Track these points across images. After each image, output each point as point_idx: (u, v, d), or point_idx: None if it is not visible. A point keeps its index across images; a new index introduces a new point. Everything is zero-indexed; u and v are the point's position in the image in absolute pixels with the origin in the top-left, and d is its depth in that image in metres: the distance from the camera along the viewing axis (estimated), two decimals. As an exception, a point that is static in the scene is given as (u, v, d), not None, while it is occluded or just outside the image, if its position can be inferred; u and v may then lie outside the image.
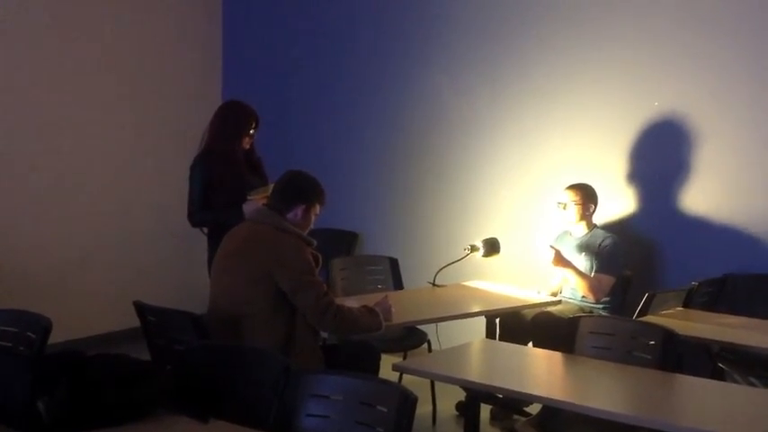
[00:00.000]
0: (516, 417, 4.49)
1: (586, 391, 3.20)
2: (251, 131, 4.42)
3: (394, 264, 5.07)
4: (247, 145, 4.44)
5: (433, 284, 4.76)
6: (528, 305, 4.50)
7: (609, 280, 4.60)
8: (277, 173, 3.82)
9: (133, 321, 3.75)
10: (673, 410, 2.98)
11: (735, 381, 4.10)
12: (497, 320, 4.50)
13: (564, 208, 4.74)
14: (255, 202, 4.09)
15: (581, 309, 4.60)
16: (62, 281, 5.68)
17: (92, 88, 5.87)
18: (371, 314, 3.63)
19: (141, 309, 3.64)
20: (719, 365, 4.21)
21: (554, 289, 4.80)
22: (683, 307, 4.33)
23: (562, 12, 5.27)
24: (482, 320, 4.51)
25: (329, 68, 6.24)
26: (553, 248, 4.59)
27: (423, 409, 4.39)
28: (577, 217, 4.74)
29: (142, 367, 2.61)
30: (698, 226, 4.86)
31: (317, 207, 3.67)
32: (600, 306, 4.62)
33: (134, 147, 6.12)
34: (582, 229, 4.77)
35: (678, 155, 4.92)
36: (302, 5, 6.37)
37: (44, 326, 3.16)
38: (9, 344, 3.18)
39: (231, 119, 4.42)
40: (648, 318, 3.96)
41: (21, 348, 3.15)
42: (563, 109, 5.27)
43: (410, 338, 4.71)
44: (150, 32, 6.21)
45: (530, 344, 4.40)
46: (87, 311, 5.76)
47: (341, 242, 5.93)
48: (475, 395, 3.42)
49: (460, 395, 4.06)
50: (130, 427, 2.42)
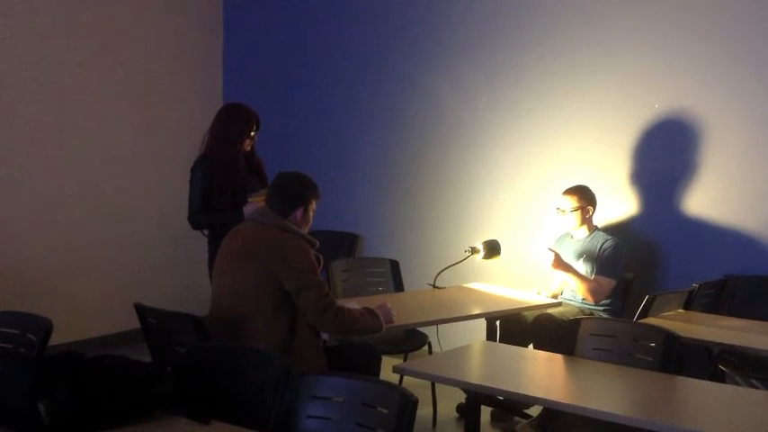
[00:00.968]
0: (517, 419, 4.49)
1: (587, 393, 3.20)
2: (252, 134, 4.42)
3: (394, 266, 5.08)
4: (248, 147, 4.44)
5: (434, 286, 4.76)
6: (528, 307, 4.49)
7: (609, 282, 4.60)
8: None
9: (134, 323, 3.75)
10: (673, 412, 2.98)
11: (735, 383, 4.09)
12: (498, 322, 4.50)
13: (564, 214, 4.74)
14: (256, 205, 4.09)
15: (581, 311, 4.60)
16: (63, 283, 5.69)
17: (93, 91, 5.87)
18: (372, 316, 3.63)
19: (142, 311, 3.64)
20: (720, 367, 4.21)
21: (554, 291, 4.81)
22: (684, 309, 4.33)
23: (562, 15, 5.28)
24: (482, 322, 4.51)
25: (330, 71, 6.24)
26: (552, 252, 4.59)
27: (423, 411, 4.40)
28: (578, 222, 4.74)
29: (143, 369, 2.60)
30: (699, 228, 4.86)
31: (314, 203, 3.69)
32: (600, 308, 4.62)
33: (135, 149, 6.13)
34: (583, 232, 4.77)
35: (678, 157, 4.93)
36: (302, 9, 6.37)
37: (45, 328, 3.16)
38: (9, 346, 3.18)
39: (232, 121, 4.42)
40: (649, 320, 3.96)
41: (21, 350, 3.15)
42: (563, 111, 5.27)
43: (411, 340, 4.71)
44: (151, 36, 6.22)
45: (530, 346, 4.40)
46: (88, 313, 5.77)
47: (341, 244, 5.93)
48: (475, 397, 3.42)
49: (461, 397, 4.06)
50: (131, 429, 2.42)
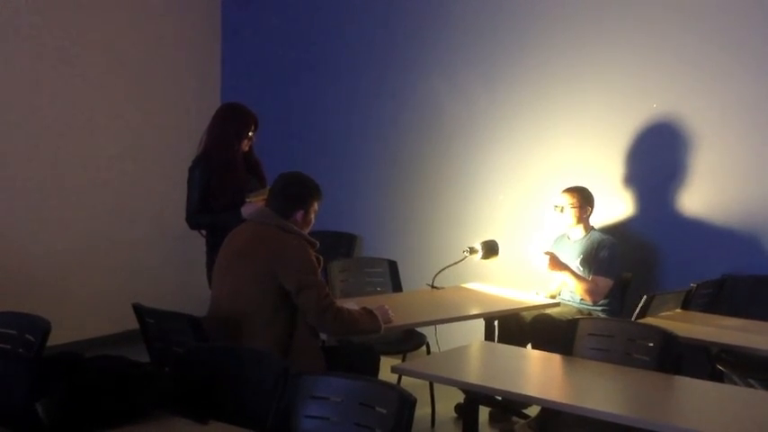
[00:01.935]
0: (515, 419, 4.50)
1: (585, 393, 3.20)
2: (250, 134, 4.42)
3: (393, 266, 5.07)
4: (246, 147, 4.44)
5: (432, 287, 4.76)
6: (526, 307, 4.49)
7: (606, 282, 4.60)
8: (276, 175, 3.80)
9: (132, 324, 3.75)
10: (671, 412, 2.98)
11: (733, 382, 4.09)
12: (496, 322, 4.51)
13: (561, 211, 4.75)
14: (254, 205, 4.09)
15: (579, 311, 4.61)
16: (61, 283, 5.68)
17: (91, 91, 5.87)
18: (370, 316, 3.63)
19: (140, 311, 3.64)
20: (718, 367, 4.21)
21: (553, 292, 4.81)
22: (682, 309, 4.33)
23: (560, 16, 5.28)
24: (481, 323, 4.51)
25: (328, 72, 6.24)
26: (548, 253, 4.59)
27: (422, 412, 4.40)
28: (574, 220, 4.74)
29: (141, 369, 2.60)
30: (696, 228, 4.87)
31: (315, 205, 3.68)
32: (598, 308, 4.62)
33: (133, 149, 6.12)
34: (579, 232, 4.78)
35: (677, 157, 4.93)
36: (300, 8, 6.37)
37: (43, 328, 3.16)
38: (8, 346, 3.18)
39: (230, 121, 4.42)
40: (647, 319, 3.96)
41: (20, 350, 3.15)
42: (561, 112, 5.27)
43: (409, 341, 4.71)
44: (149, 36, 6.21)
45: (528, 346, 4.41)
46: (86, 314, 5.76)
47: (340, 244, 5.93)
48: (474, 397, 3.42)
49: (459, 397, 4.07)
50: (129, 429, 2.42)
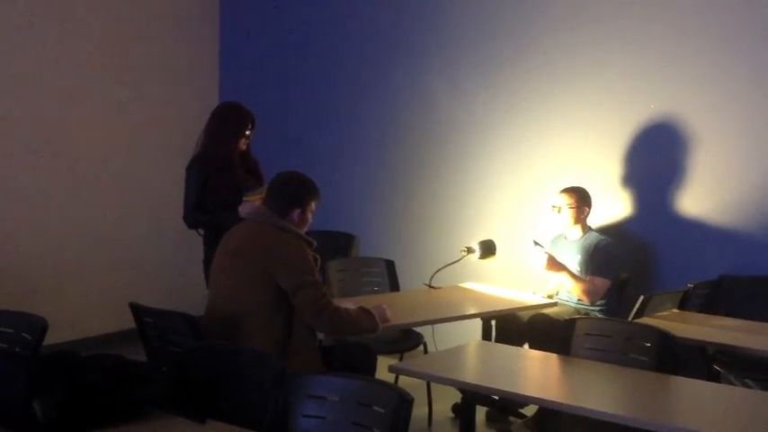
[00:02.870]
0: (512, 419, 4.50)
1: (582, 393, 3.20)
2: (247, 133, 4.43)
3: (390, 265, 5.07)
4: (244, 146, 4.44)
5: (430, 286, 4.76)
6: (524, 307, 4.49)
7: (604, 283, 4.60)
8: (273, 174, 3.80)
9: (129, 323, 3.74)
10: (668, 412, 2.99)
11: (730, 382, 4.09)
12: (493, 322, 4.51)
13: (558, 211, 4.75)
14: (251, 204, 4.09)
15: (577, 311, 4.61)
16: (58, 282, 5.68)
17: (88, 90, 5.86)
18: (368, 316, 3.63)
19: (137, 310, 3.64)
20: (715, 367, 4.21)
21: (550, 292, 4.81)
22: (679, 309, 4.33)
23: (558, 15, 5.28)
24: (478, 322, 4.51)
25: (325, 71, 6.24)
26: (546, 254, 4.59)
27: (419, 411, 4.41)
28: (572, 220, 4.75)
29: (138, 368, 2.60)
30: (693, 228, 4.87)
31: (313, 204, 3.68)
32: (596, 308, 4.62)
33: (130, 148, 6.12)
34: (577, 232, 4.78)
35: (674, 157, 4.93)
36: (299, 7, 6.37)
37: (40, 327, 3.15)
38: (5, 345, 3.17)
39: (227, 120, 4.42)
40: (644, 320, 3.96)
41: (16, 349, 3.15)
42: (559, 111, 5.28)
43: (406, 340, 4.71)
44: (147, 35, 6.21)
45: (525, 345, 4.41)
46: (83, 313, 5.76)
47: (337, 244, 5.93)
48: (471, 397, 3.43)
49: (456, 397, 4.07)
50: (126, 429, 2.42)
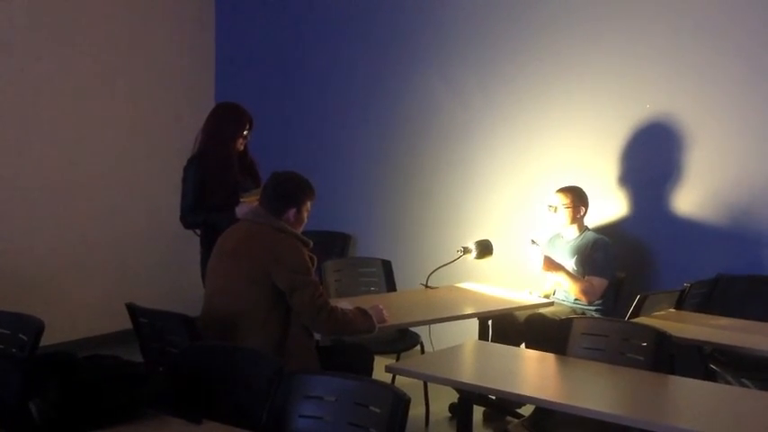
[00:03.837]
0: (509, 418, 4.50)
1: (579, 393, 3.20)
2: (244, 133, 4.42)
3: (387, 265, 5.07)
4: (241, 147, 4.44)
5: (426, 286, 4.76)
6: (520, 307, 4.49)
7: (601, 282, 4.60)
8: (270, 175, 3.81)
9: (125, 323, 3.74)
10: (665, 411, 2.99)
11: (727, 382, 4.10)
12: (490, 322, 4.51)
13: (554, 211, 4.75)
14: (248, 204, 4.09)
15: (573, 310, 4.61)
16: (54, 283, 5.67)
17: (85, 91, 5.86)
18: (364, 316, 3.63)
19: (133, 311, 3.64)
20: (711, 367, 4.21)
21: (547, 291, 4.81)
22: (676, 308, 4.33)
23: (555, 15, 5.28)
24: (475, 322, 4.52)
25: (322, 71, 6.24)
26: (543, 254, 4.59)
27: (416, 411, 4.41)
28: (568, 220, 4.75)
29: (134, 369, 2.60)
30: (690, 227, 4.88)
31: (308, 204, 3.68)
32: (592, 308, 4.62)
33: (127, 148, 6.11)
34: (573, 232, 4.78)
35: (670, 157, 4.94)
36: (294, 8, 6.37)
37: (36, 328, 3.16)
38: (1, 346, 3.18)
39: (225, 121, 4.41)
40: (641, 319, 3.96)
41: (13, 350, 3.15)
42: (556, 111, 5.28)
43: (403, 340, 4.71)
44: (144, 36, 6.20)
45: (522, 345, 4.41)
46: (79, 313, 5.76)
47: (334, 244, 5.93)
48: (468, 397, 3.42)
49: (453, 397, 4.07)
50: (122, 429, 2.42)
